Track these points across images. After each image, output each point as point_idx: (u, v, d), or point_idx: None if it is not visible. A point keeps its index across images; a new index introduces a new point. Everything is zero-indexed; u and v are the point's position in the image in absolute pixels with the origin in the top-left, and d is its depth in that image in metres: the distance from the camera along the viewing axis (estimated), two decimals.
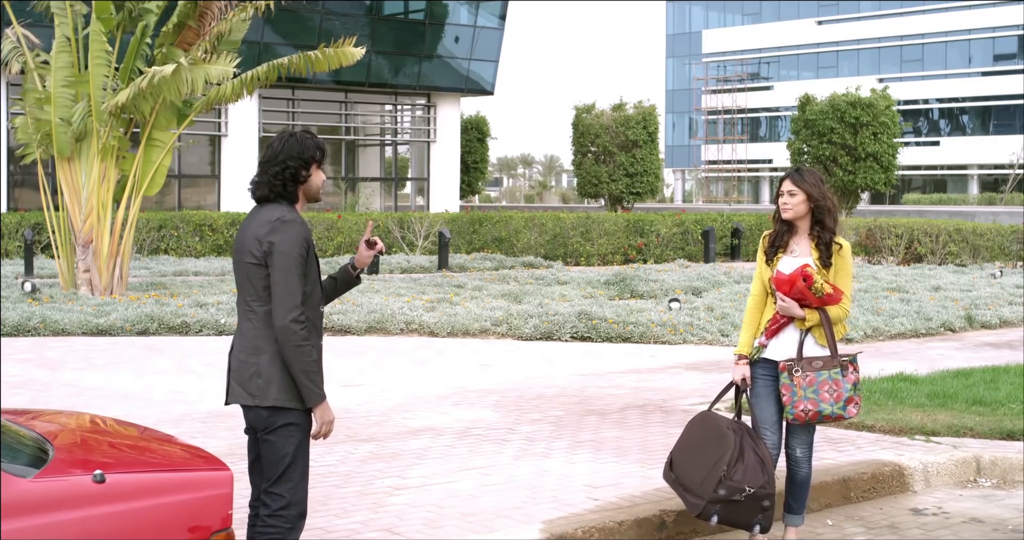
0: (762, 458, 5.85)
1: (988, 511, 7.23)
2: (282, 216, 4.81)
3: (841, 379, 5.93)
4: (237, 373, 4.85)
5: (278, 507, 4.80)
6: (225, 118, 37.18)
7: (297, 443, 4.81)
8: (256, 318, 4.82)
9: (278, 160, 4.88)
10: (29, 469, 3.98)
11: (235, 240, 4.97)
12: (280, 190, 4.89)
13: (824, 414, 5.93)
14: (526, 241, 28.47)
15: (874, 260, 27.08)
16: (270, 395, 4.76)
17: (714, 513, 5.84)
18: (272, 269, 4.74)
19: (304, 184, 4.94)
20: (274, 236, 4.76)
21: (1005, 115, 78.77)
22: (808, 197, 6.00)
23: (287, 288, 4.72)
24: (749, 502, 5.80)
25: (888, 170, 43.09)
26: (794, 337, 6.01)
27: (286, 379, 4.76)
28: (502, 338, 14.21)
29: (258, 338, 4.80)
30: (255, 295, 4.82)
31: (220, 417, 9.07)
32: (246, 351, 4.83)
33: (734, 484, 5.78)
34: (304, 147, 4.90)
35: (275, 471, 4.80)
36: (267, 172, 4.88)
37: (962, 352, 13.32)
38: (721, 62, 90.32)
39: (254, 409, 4.81)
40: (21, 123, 18.13)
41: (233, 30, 18.15)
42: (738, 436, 5.91)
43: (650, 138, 44.66)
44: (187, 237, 26.49)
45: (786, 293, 5.93)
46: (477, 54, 42.24)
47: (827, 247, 6.03)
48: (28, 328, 14.04)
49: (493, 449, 7.98)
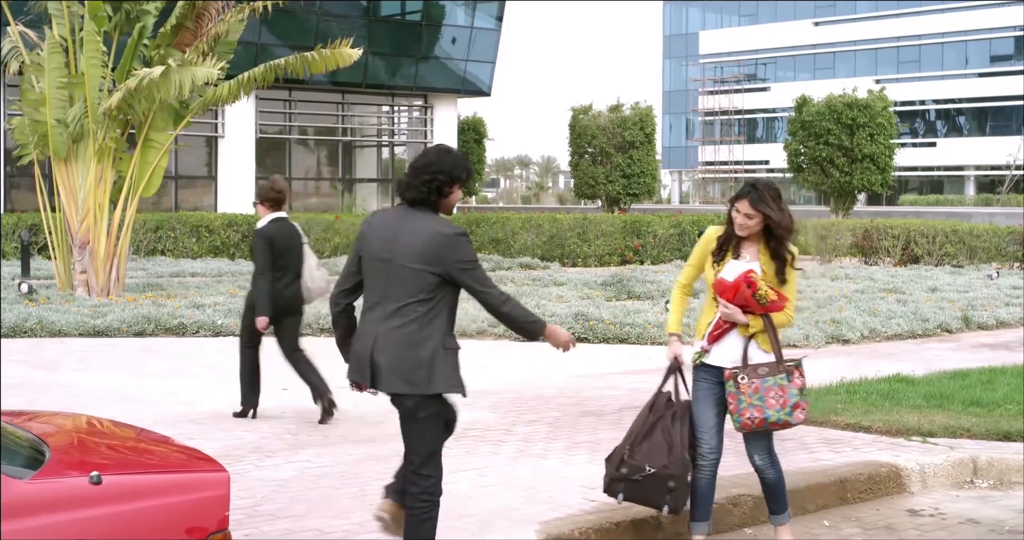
0: (672, 440, 5.77)
1: (985, 512, 7.24)
2: (449, 231, 5.26)
3: (787, 385, 5.83)
4: (396, 365, 5.24)
5: (428, 486, 5.35)
6: (222, 119, 37.13)
7: (438, 429, 5.38)
8: (418, 316, 5.24)
9: (430, 170, 5.29)
10: (25, 470, 3.98)
11: (372, 236, 5.39)
12: (424, 198, 5.30)
13: (770, 421, 5.82)
14: (523, 242, 28.46)
15: (871, 261, 27.10)
16: (434, 384, 5.24)
17: (619, 491, 5.86)
18: (467, 280, 5.27)
19: (445, 198, 5.34)
20: (457, 254, 5.25)
21: (1002, 116, 78.81)
22: (764, 220, 5.86)
23: (488, 284, 5.30)
24: (651, 482, 5.76)
25: (885, 171, 43.11)
26: (738, 344, 5.90)
27: (445, 370, 5.26)
28: (499, 339, 14.21)
29: (418, 334, 5.24)
30: (418, 296, 5.25)
31: (217, 419, 9.06)
32: (404, 345, 5.24)
33: (635, 463, 5.76)
34: (455, 166, 5.32)
35: (421, 454, 5.33)
36: (417, 177, 5.30)
37: (959, 353, 13.32)
38: (718, 63, 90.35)
39: (410, 397, 5.26)
40: (18, 124, 18.10)
41: (230, 31, 18.14)
42: (655, 416, 5.85)
43: (647, 139, 44.64)
44: (184, 238, 26.46)
45: (729, 299, 5.83)
46: (474, 55, 42.22)
47: (783, 263, 5.90)
48: (25, 329, 14.03)
49: (490, 450, 7.98)
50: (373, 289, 5.36)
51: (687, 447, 5.84)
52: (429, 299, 5.24)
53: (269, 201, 9.28)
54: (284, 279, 9.11)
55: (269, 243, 9.08)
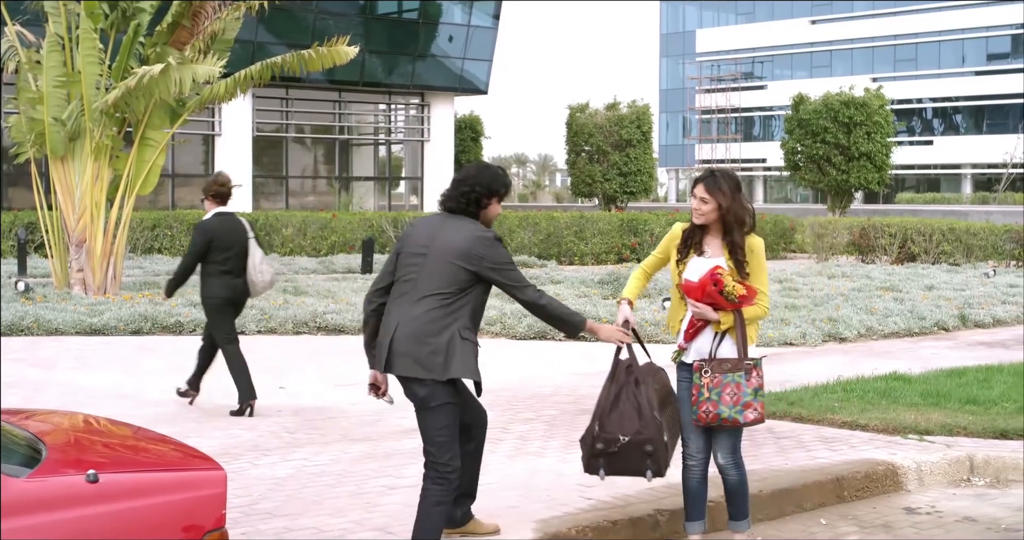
0: (639, 404, 5.70)
1: (981, 510, 7.24)
2: (487, 234, 5.54)
3: (743, 383, 5.77)
4: (414, 350, 5.40)
5: (447, 472, 5.47)
6: (219, 117, 37.13)
7: (452, 419, 5.49)
8: (442, 306, 5.44)
9: (468, 183, 5.60)
10: (22, 469, 3.97)
11: (413, 235, 5.65)
12: (463, 209, 5.60)
13: (722, 417, 5.76)
14: (520, 240, 28.47)
15: (868, 259, 27.11)
16: (450, 369, 5.39)
17: (600, 467, 5.76)
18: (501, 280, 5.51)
19: (484, 210, 5.64)
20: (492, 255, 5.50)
21: (998, 114, 78.86)
22: (719, 207, 5.82)
23: (522, 282, 5.55)
24: (629, 450, 5.67)
25: (882, 169, 43.14)
26: (709, 339, 5.88)
27: (462, 357, 5.41)
28: (496, 337, 14.20)
29: (440, 322, 5.42)
30: (448, 289, 5.46)
31: (214, 417, 9.06)
32: (423, 331, 5.41)
33: (608, 435, 5.69)
34: (493, 180, 5.65)
35: (436, 443, 5.47)
36: (457, 190, 5.60)
37: (955, 351, 13.33)
38: (715, 61, 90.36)
39: (424, 383, 5.40)
40: (15, 122, 18.09)
41: (227, 29, 18.13)
42: (617, 386, 5.81)
43: (644, 137, 44.66)
44: (181, 237, 26.43)
45: (697, 299, 5.80)
46: (471, 53, 42.22)
47: (741, 253, 5.86)
48: (21, 328, 14.02)
49: (487, 449, 7.93)
50: (404, 282, 5.56)
51: (656, 408, 5.73)
52: (457, 293, 5.46)
53: (213, 195, 9.47)
54: (228, 274, 9.31)
55: (207, 238, 9.25)
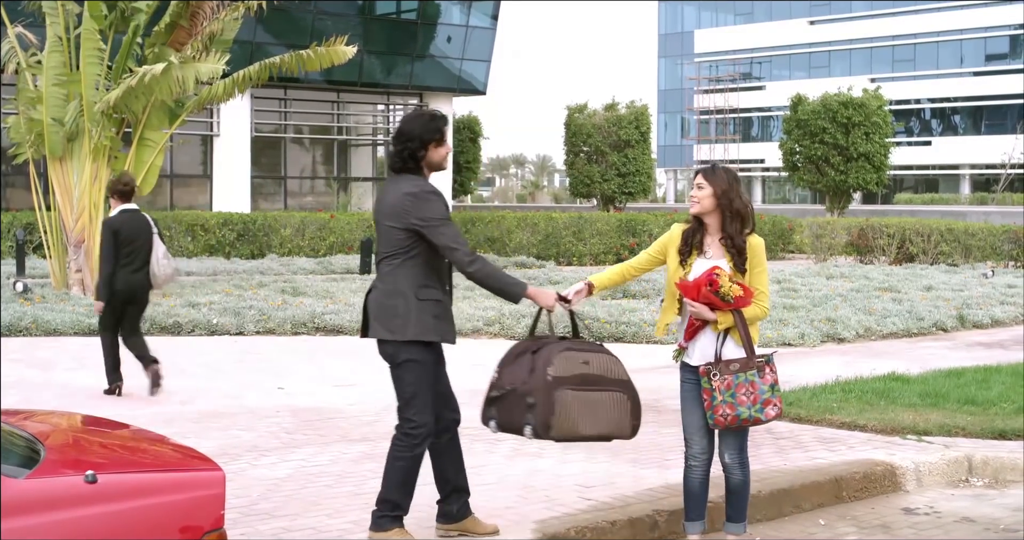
0: (534, 365, 5.68)
1: (980, 510, 7.24)
2: (416, 189, 5.58)
3: (757, 381, 5.77)
4: (378, 313, 5.68)
5: (410, 427, 5.69)
6: (217, 118, 37.10)
7: (418, 375, 5.67)
8: (395, 269, 5.65)
9: (400, 139, 5.67)
10: (20, 469, 3.97)
11: (377, 202, 5.82)
12: (403, 166, 5.67)
13: (742, 418, 5.75)
14: (519, 241, 28.47)
15: (866, 260, 27.12)
16: (407, 331, 5.60)
17: (492, 417, 5.79)
18: (433, 237, 5.54)
19: (424, 160, 5.66)
20: (419, 211, 5.54)
21: (997, 115, 78.87)
22: (715, 193, 5.83)
23: (456, 242, 5.58)
24: (513, 400, 5.68)
25: (880, 170, 43.13)
26: (713, 340, 5.86)
27: (419, 318, 5.60)
28: (494, 338, 14.20)
29: (396, 285, 5.64)
30: (393, 251, 5.64)
31: (212, 417, 9.06)
32: (386, 295, 5.67)
33: (499, 384, 5.77)
34: (423, 129, 5.65)
35: (403, 397, 5.70)
36: (394, 148, 5.69)
37: (954, 352, 13.33)
38: (713, 62, 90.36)
39: (390, 344, 5.66)
40: (14, 123, 18.10)
41: (225, 30, 18.13)
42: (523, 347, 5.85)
43: (642, 138, 44.65)
44: (179, 237, 26.42)
45: (693, 299, 5.79)
46: (469, 54, 42.20)
47: (740, 253, 5.85)
48: (20, 328, 14.01)
49: (485, 449, 7.97)
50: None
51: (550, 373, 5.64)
52: (403, 254, 5.63)
53: (117, 194, 10.22)
54: (131, 266, 10.03)
55: (113, 233, 9.98)
